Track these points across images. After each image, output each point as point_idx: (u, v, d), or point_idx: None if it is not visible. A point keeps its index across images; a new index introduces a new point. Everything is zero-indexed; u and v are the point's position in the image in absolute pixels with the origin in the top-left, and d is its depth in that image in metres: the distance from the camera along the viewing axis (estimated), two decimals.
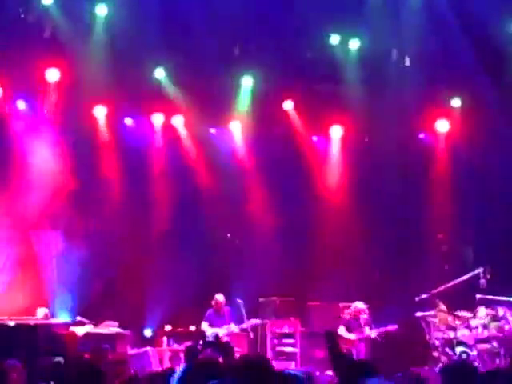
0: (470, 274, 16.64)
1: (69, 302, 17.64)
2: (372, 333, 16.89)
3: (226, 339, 16.52)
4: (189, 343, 16.53)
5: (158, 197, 19.06)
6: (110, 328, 16.52)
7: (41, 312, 16.62)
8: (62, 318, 17.12)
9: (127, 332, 16.69)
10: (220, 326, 16.69)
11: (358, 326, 17.01)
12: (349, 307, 17.36)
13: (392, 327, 16.89)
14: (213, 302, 16.91)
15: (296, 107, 19.71)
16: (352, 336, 16.87)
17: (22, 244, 17.80)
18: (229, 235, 20.00)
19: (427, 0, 18.25)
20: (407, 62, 19.09)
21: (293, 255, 19.03)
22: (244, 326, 16.70)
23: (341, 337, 16.84)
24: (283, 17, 18.55)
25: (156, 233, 18.86)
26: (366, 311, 17.17)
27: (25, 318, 16.06)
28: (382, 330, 16.88)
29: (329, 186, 19.81)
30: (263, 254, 18.77)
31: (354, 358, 16.68)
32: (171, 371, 11.03)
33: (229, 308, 16.96)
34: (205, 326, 16.70)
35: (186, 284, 18.28)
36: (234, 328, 16.64)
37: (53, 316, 16.93)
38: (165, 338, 17.75)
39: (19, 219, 17.84)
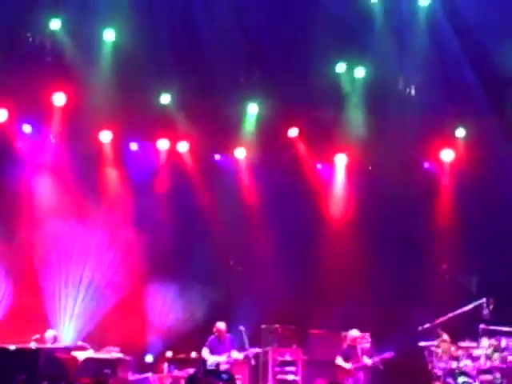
0: (474, 305, 16.57)
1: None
2: (369, 361, 16.81)
3: (225, 367, 16.40)
4: (190, 370, 16.48)
5: (160, 222, 19.04)
6: (112, 353, 16.45)
7: (50, 334, 16.60)
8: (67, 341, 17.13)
9: (128, 357, 16.63)
10: (221, 353, 16.58)
11: (355, 354, 16.95)
12: None
13: (389, 354, 16.81)
14: (214, 330, 16.81)
15: (301, 135, 19.75)
16: (348, 365, 16.78)
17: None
18: (231, 262, 19.95)
19: (433, 30, 18.32)
20: (412, 91, 19.14)
21: (296, 283, 18.99)
22: (245, 353, 16.60)
23: (339, 367, 16.80)
24: (289, 45, 18.64)
25: (158, 258, 18.80)
26: (368, 339, 17.13)
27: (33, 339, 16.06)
28: (379, 357, 16.81)
29: (333, 214, 19.81)
30: (266, 281, 18.76)
31: None
32: None
33: (231, 336, 16.85)
34: (205, 352, 16.58)
35: (187, 311, 18.25)
36: (235, 355, 16.53)
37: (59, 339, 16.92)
38: (166, 364, 17.68)
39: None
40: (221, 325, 16.78)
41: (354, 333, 17.10)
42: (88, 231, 18.29)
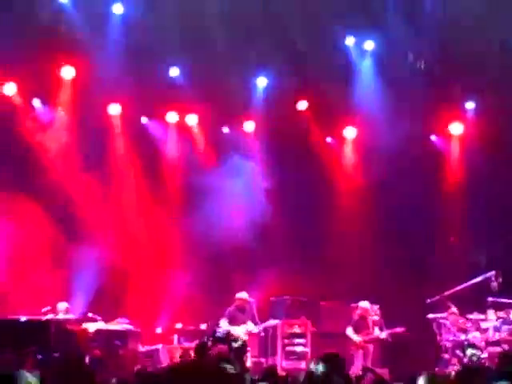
0: (482, 277, 16.61)
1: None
2: (382, 334, 16.86)
3: (246, 338, 16.40)
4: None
5: (171, 196, 19.11)
6: (122, 325, 16.56)
7: (62, 306, 16.66)
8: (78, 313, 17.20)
9: (138, 329, 16.75)
10: (239, 324, 16.59)
11: (366, 326, 16.99)
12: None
13: (400, 329, 16.84)
14: (236, 300, 16.78)
15: (310, 108, 19.71)
16: (358, 338, 16.83)
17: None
18: (240, 235, 19.94)
19: (443, 2, 18.23)
20: (422, 64, 19.07)
21: (306, 255, 19.05)
22: (261, 327, 16.68)
23: (349, 338, 16.86)
24: (298, 18, 18.57)
25: (169, 231, 18.86)
26: (377, 311, 17.17)
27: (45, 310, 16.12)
28: (390, 331, 16.85)
29: (342, 187, 19.82)
30: (276, 254, 18.80)
31: (361, 359, 16.71)
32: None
33: (251, 307, 16.80)
34: (224, 323, 16.58)
35: (197, 283, 18.32)
36: (251, 327, 16.58)
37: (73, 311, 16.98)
38: (175, 336, 17.77)
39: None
40: (243, 295, 16.73)
41: (365, 304, 17.08)
42: (97, 206, 18.34)
